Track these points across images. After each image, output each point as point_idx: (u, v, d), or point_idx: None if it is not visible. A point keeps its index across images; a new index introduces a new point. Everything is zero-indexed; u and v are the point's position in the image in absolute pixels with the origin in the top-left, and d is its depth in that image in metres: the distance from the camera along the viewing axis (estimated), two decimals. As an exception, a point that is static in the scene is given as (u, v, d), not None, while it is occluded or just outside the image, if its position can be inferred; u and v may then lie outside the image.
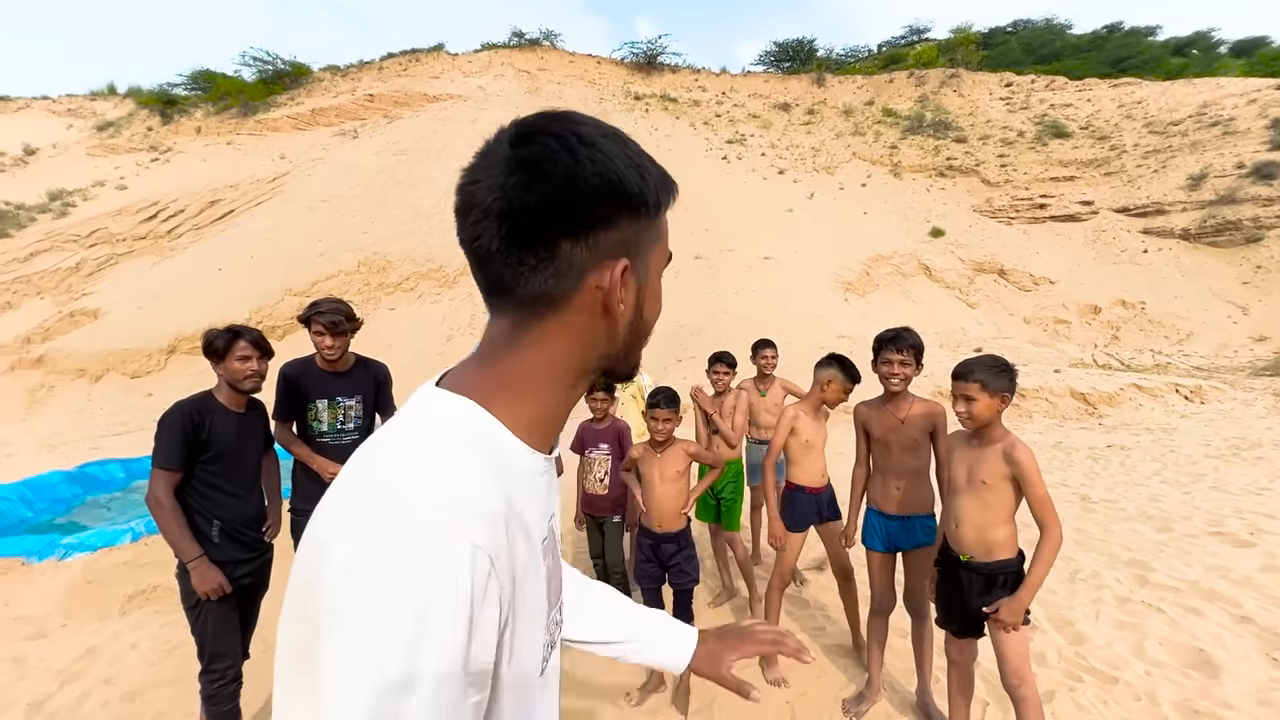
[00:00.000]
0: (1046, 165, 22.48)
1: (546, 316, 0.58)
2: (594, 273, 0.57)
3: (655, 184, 0.60)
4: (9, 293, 15.28)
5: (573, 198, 0.54)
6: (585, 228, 0.55)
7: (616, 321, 0.60)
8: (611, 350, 0.62)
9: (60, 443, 8.70)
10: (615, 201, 0.56)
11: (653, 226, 0.63)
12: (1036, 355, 12.73)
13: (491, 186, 0.54)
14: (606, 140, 0.56)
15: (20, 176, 21.31)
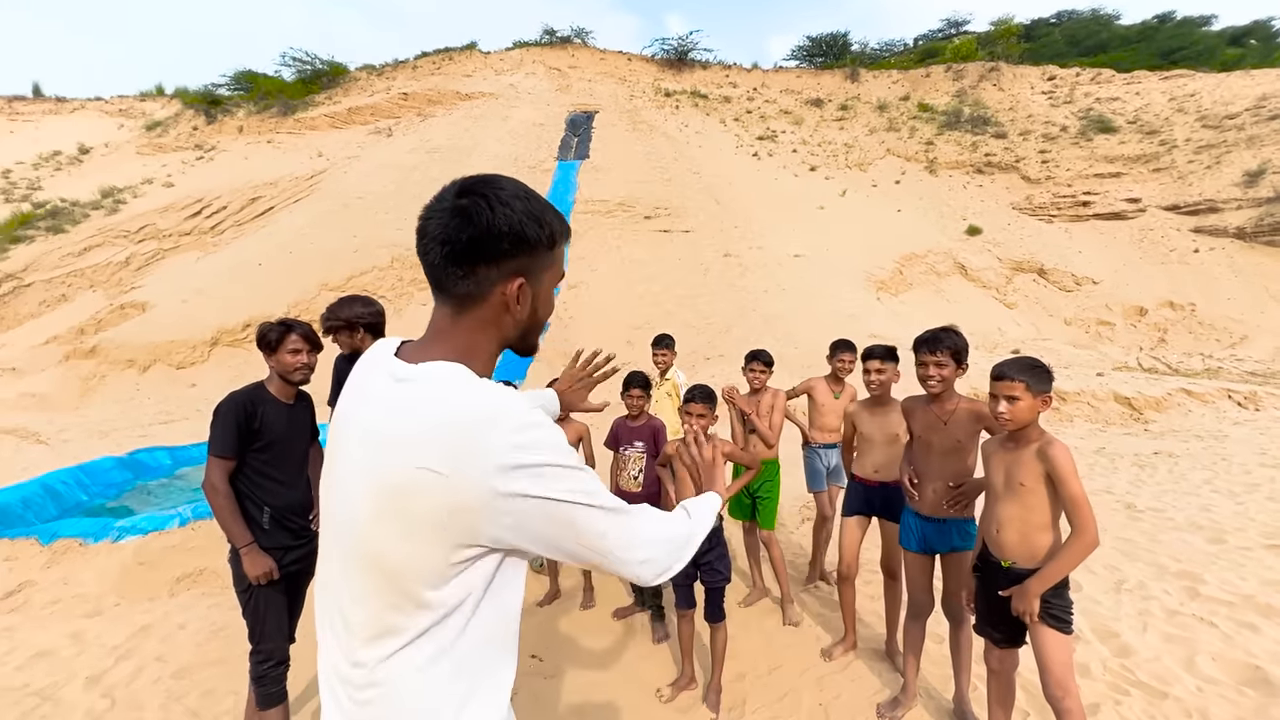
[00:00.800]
0: (1091, 161, 21.73)
1: (471, 310, 0.88)
2: (500, 284, 0.87)
3: (548, 232, 0.90)
4: (64, 286, 15.98)
5: (487, 238, 0.84)
6: (495, 257, 0.86)
7: (515, 317, 0.91)
8: (513, 334, 0.93)
9: (111, 430, 9.07)
10: (515, 242, 0.86)
11: (547, 256, 0.91)
12: (1077, 358, 12.33)
13: (439, 223, 0.85)
14: (517, 200, 0.86)
15: (75, 175, 22.24)
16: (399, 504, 0.76)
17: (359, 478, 0.81)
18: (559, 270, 0.95)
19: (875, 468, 3.02)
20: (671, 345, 4.25)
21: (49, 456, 7.51)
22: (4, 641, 3.31)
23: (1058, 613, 2.07)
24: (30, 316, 15.17)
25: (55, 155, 23.77)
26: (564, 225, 0.94)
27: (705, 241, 16.42)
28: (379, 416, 0.81)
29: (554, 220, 0.91)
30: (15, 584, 3.90)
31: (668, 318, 12.86)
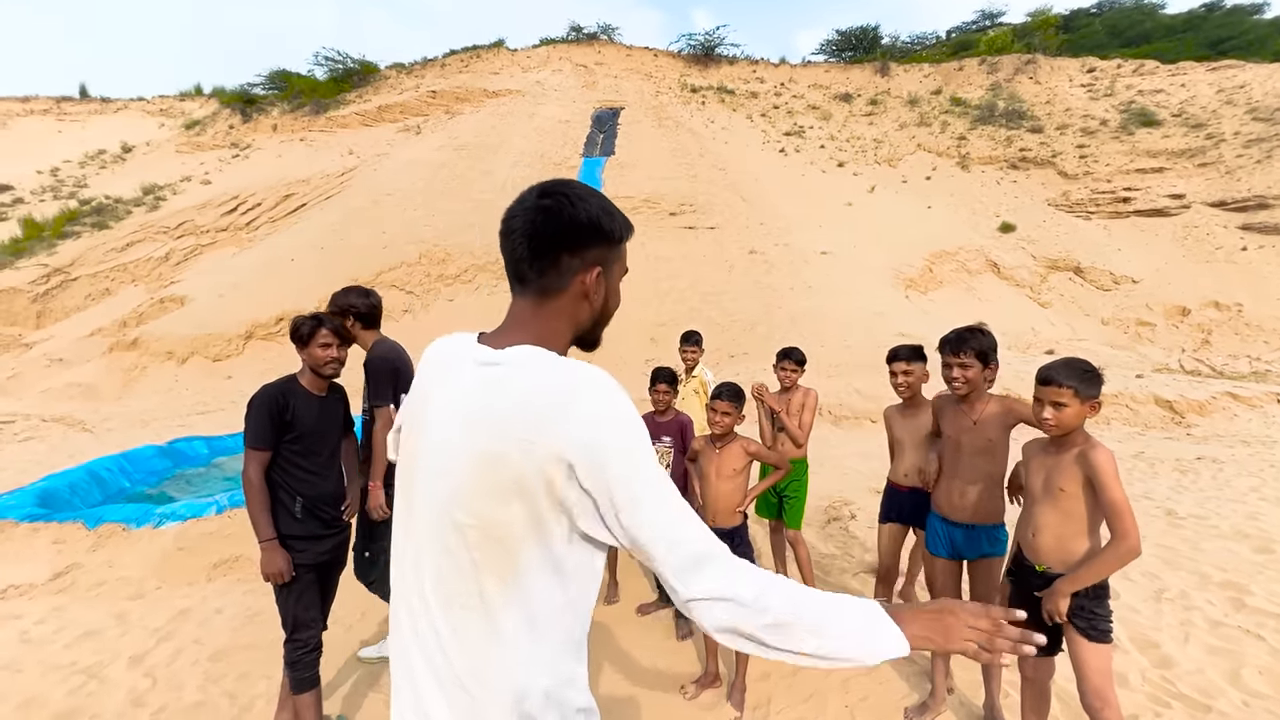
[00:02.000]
0: (1132, 156, 21.02)
1: (552, 299, 0.96)
2: (580, 273, 0.96)
3: (619, 226, 0.99)
4: (108, 280, 16.56)
5: (570, 229, 0.93)
6: (576, 247, 0.94)
7: (592, 306, 0.99)
8: (586, 324, 1.01)
9: (152, 419, 9.38)
10: (593, 233, 0.95)
11: (616, 250, 1.00)
12: (1115, 359, 11.96)
13: (524, 220, 0.94)
14: (593, 197, 0.97)
15: (119, 173, 23.02)
16: (497, 475, 0.81)
17: (458, 455, 0.85)
18: (625, 264, 1.03)
19: (906, 472, 2.97)
20: (699, 342, 4.23)
21: (94, 444, 7.80)
22: (54, 621, 3.45)
23: (1098, 622, 2.01)
24: (76, 309, 15.76)
25: (100, 154, 24.62)
26: (629, 222, 1.02)
27: (731, 238, 16.32)
28: (471, 396, 0.87)
29: (622, 216, 1.00)
30: (64, 565, 4.07)
31: (692, 314, 12.82)
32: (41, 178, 22.64)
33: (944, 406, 2.65)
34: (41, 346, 13.48)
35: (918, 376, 2.95)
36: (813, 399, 3.54)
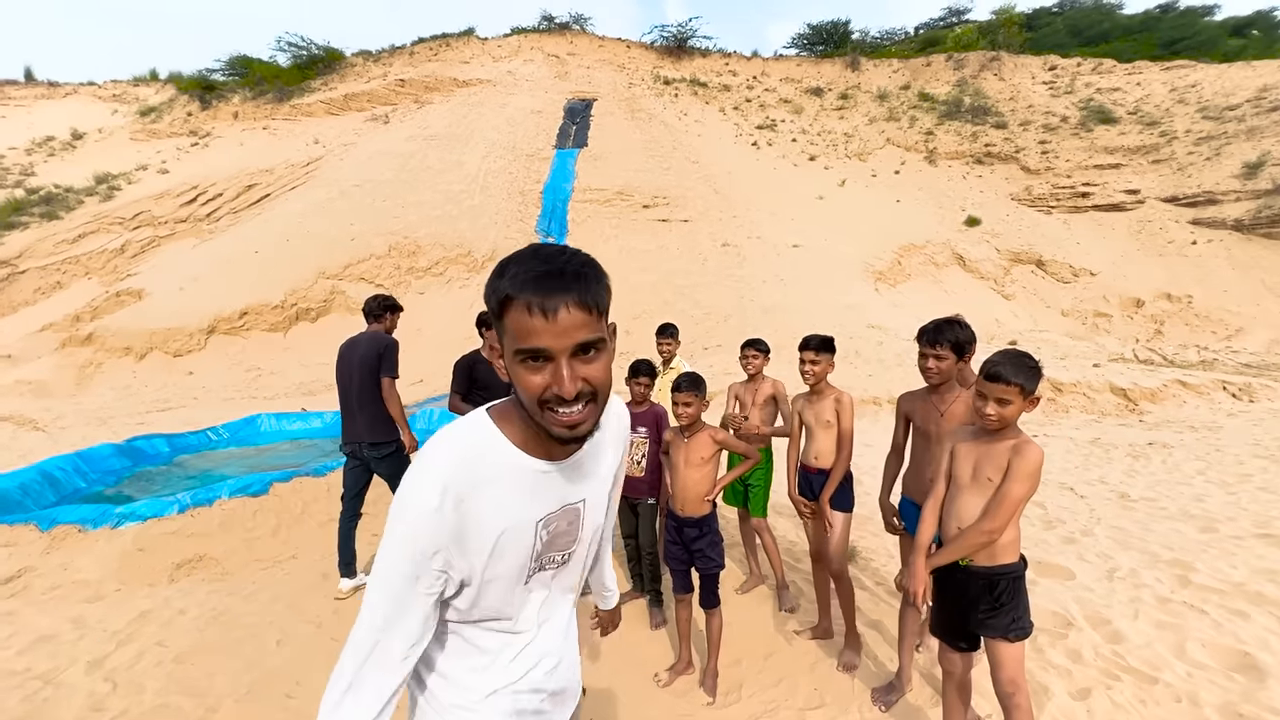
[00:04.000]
0: (1091, 152, 21.70)
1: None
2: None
3: (489, 298, 0.96)
4: (59, 273, 15.90)
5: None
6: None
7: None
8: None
9: (109, 417, 9.05)
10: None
11: (499, 325, 0.95)
12: (1074, 349, 12.37)
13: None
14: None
15: (69, 160, 22.06)
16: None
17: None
18: (513, 339, 0.92)
19: (817, 454, 3.06)
20: (675, 334, 4.25)
21: (46, 443, 7.50)
22: (5, 626, 3.32)
23: (1020, 621, 2.05)
24: (25, 304, 15.11)
25: (48, 141, 23.57)
26: (500, 289, 0.92)
27: (704, 231, 16.38)
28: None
29: (490, 286, 0.93)
30: (15, 569, 3.91)
31: (666, 307, 12.85)
32: (-16, 165, 21.58)
33: (913, 402, 2.73)
34: (-12, 342, 12.89)
35: (824, 367, 3.04)
36: (780, 387, 3.59)
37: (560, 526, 1.06)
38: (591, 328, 0.89)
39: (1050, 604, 3.32)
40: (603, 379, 0.93)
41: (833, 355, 3.09)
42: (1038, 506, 4.90)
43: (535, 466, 1.00)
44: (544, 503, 1.02)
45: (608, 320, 0.95)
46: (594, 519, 1.12)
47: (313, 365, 11.96)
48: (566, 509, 1.06)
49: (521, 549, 1.01)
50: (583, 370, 0.90)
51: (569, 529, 1.08)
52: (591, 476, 1.10)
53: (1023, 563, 2.10)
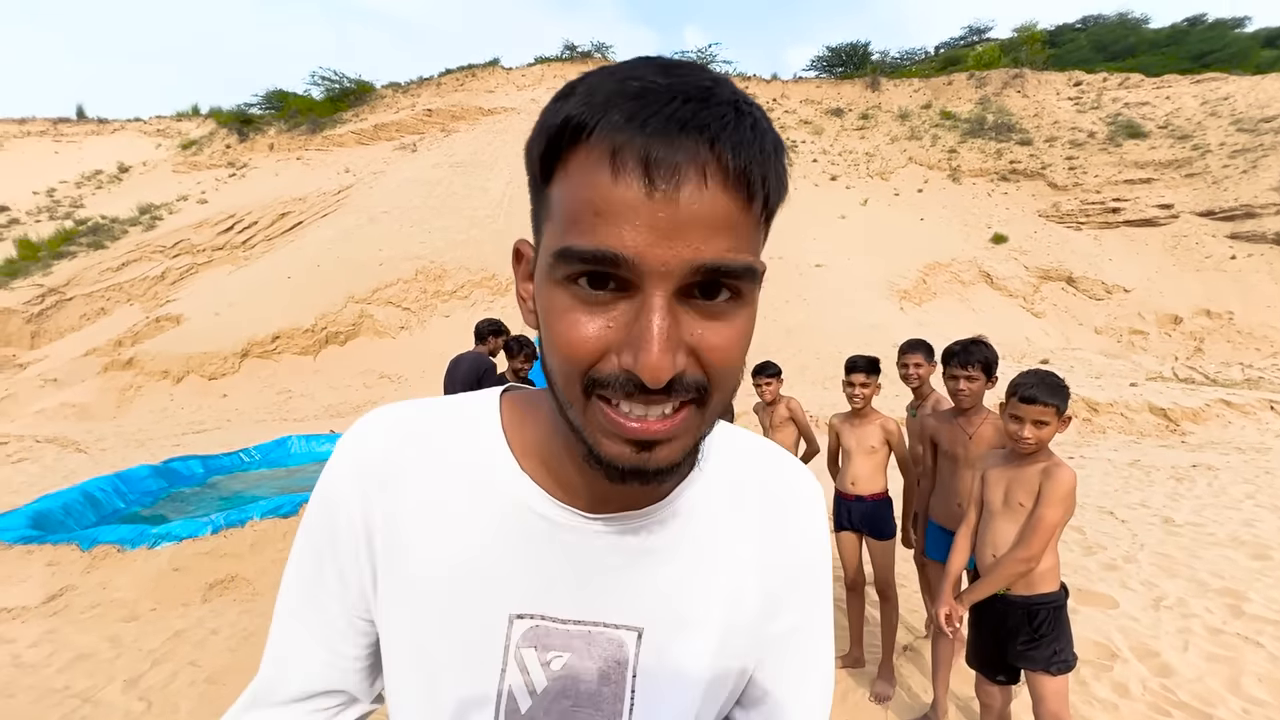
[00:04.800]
0: (1120, 167, 21.32)
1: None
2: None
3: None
4: (104, 299, 16.55)
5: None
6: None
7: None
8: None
9: (147, 439, 9.33)
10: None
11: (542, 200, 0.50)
12: (1110, 368, 12.03)
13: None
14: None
15: (115, 192, 23.10)
16: None
17: None
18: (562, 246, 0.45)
19: (853, 480, 3.01)
20: None
21: (88, 464, 7.74)
22: (47, 645, 3.41)
23: (1062, 654, 1.99)
24: (72, 329, 15.73)
25: (96, 174, 24.73)
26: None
27: (725, 252, 16.43)
28: None
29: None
30: (58, 588, 4.02)
31: (688, 328, 12.86)
32: (38, 198, 22.71)
33: (938, 423, 2.69)
34: (36, 367, 13.43)
35: (873, 389, 2.99)
36: (796, 406, 3.55)
37: (573, 669, 0.53)
38: (739, 234, 0.42)
39: (1093, 634, 3.19)
40: (729, 359, 0.44)
41: (879, 376, 3.04)
42: (1076, 531, 4.74)
43: (537, 505, 0.53)
44: (539, 584, 0.52)
45: (766, 238, 0.48)
46: (664, 693, 0.54)
47: (341, 388, 12.21)
48: (591, 631, 0.53)
49: (468, 653, 0.52)
50: (698, 331, 0.42)
51: (595, 687, 0.53)
52: (680, 585, 0.54)
53: (1064, 591, 2.03)
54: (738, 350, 0.45)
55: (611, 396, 0.43)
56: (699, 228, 0.39)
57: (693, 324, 0.42)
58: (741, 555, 0.57)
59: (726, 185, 0.40)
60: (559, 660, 0.53)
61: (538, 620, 0.52)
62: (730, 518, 0.57)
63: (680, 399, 0.43)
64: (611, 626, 0.53)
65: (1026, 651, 1.99)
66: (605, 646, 0.53)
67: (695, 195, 0.39)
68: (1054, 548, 2.00)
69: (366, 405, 11.25)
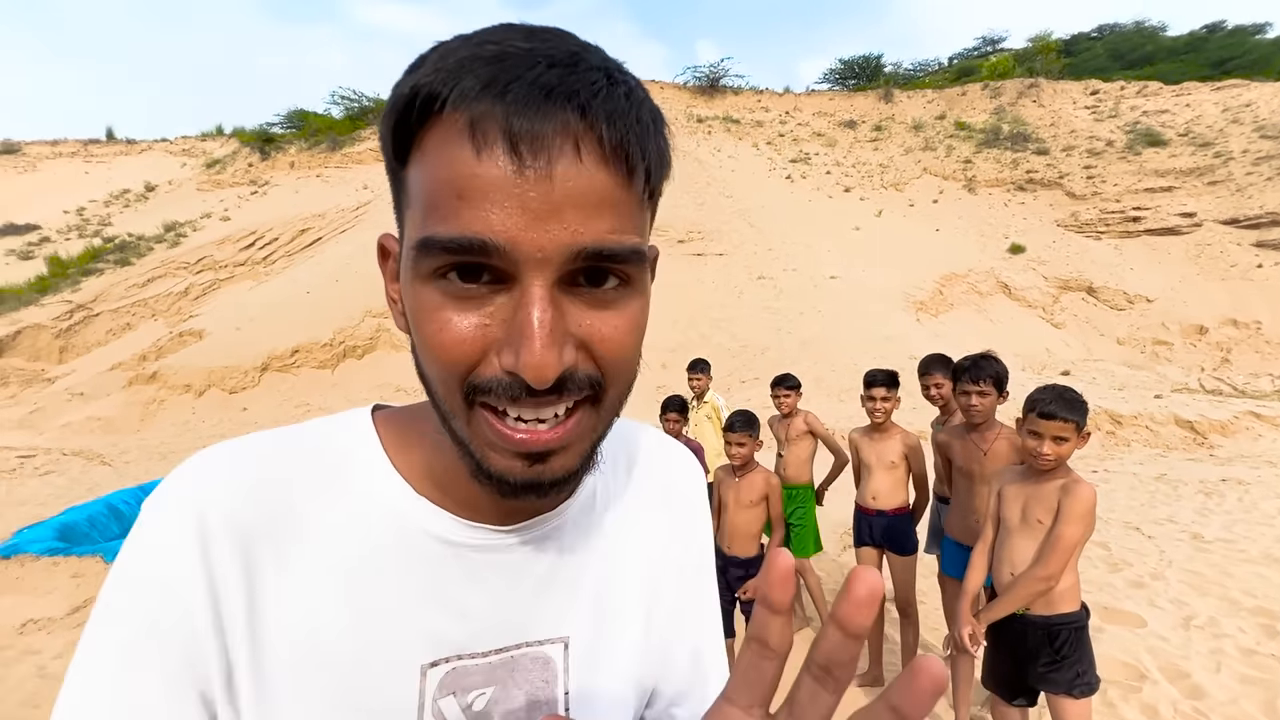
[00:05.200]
0: (1140, 176, 21.04)
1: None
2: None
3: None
4: (129, 315, 16.93)
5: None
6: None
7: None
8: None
9: (169, 452, 9.49)
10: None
11: (399, 182, 0.45)
12: (1133, 379, 11.80)
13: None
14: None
15: (142, 211, 23.71)
16: None
17: None
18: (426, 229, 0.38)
19: (874, 494, 2.97)
20: (706, 369, 4.26)
21: (113, 477, 7.89)
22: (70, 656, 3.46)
23: (1085, 676, 1.94)
24: (98, 344, 16.09)
25: (124, 193, 25.41)
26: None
27: (739, 264, 16.43)
28: None
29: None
30: (82, 600, 4.09)
31: (702, 341, 12.85)
32: (68, 217, 23.38)
33: (951, 439, 2.66)
34: (63, 381, 13.75)
35: (893, 403, 2.97)
36: (814, 420, 3.54)
37: (499, 703, 0.48)
38: (621, 213, 0.38)
39: (1120, 654, 3.11)
40: (622, 351, 0.41)
41: (899, 390, 3.02)
42: (1101, 548, 4.63)
43: (440, 530, 0.46)
44: (453, 619, 0.46)
45: (653, 218, 0.44)
46: (599, 702, 0.51)
47: (358, 400, 12.29)
48: (514, 655, 0.48)
49: (375, 709, 0.44)
50: (586, 322, 0.39)
51: (524, 715, 0.48)
52: (604, 581, 0.53)
53: (1085, 612, 1.99)
54: (631, 340, 0.41)
55: (496, 404, 0.38)
56: (576, 208, 0.36)
57: (579, 314, 0.38)
58: (652, 538, 0.56)
59: (604, 159, 0.36)
60: (481, 699, 0.46)
61: (454, 662, 0.46)
62: (634, 502, 0.56)
63: (573, 398, 0.39)
64: (535, 644, 0.49)
65: (1048, 674, 1.94)
66: (530, 669, 0.48)
67: (570, 171, 0.35)
68: (1074, 566, 1.96)
69: (383, 418, 11.34)
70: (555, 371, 0.36)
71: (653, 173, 0.39)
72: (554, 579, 0.50)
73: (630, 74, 0.40)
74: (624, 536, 0.54)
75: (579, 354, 0.38)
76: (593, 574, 0.52)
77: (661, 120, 0.41)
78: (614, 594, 0.53)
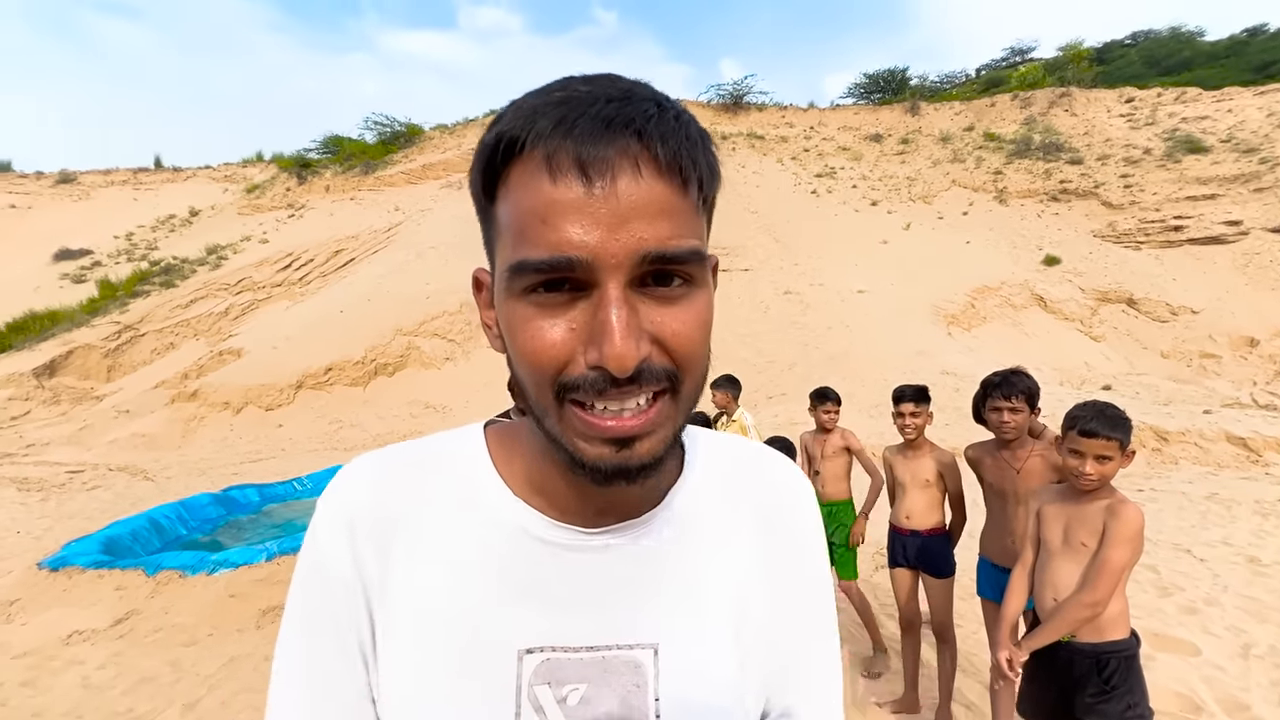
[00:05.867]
0: (1180, 183, 20.41)
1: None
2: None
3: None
4: (173, 335, 17.57)
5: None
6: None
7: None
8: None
9: (208, 467, 9.76)
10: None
11: (488, 215, 0.51)
12: (1180, 393, 11.35)
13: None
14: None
15: (186, 235, 24.69)
16: None
17: None
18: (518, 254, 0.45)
19: (908, 514, 2.90)
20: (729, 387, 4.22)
21: (155, 492, 8.14)
22: (113, 667, 3.56)
23: (1137, 708, 1.84)
24: (144, 363, 16.71)
25: (170, 218, 26.51)
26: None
27: (764, 280, 16.35)
28: None
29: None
30: (124, 612, 4.21)
31: (728, 356, 12.79)
32: (118, 242, 24.46)
33: (982, 456, 2.60)
34: (111, 399, 14.30)
35: (924, 419, 2.89)
36: (852, 437, 3.48)
37: (592, 701, 0.50)
38: (680, 219, 0.43)
39: (1173, 683, 2.96)
40: (692, 344, 0.45)
41: (929, 405, 2.96)
42: (1150, 571, 4.43)
43: (535, 529, 0.52)
44: (548, 612, 0.51)
45: (709, 225, 0.50)
46: (703, 703, 0.52)
47: (389, 418, 12.55)
48: (605, 656, 0.51)
49: (479, 703, 0.49)
50: (657, 318, 0.44)
51: (617, 710, 0.50)
52: (691, 591, 0.54)
53: (1135, 639, 1.89)
54: (700, 333, 0.46)
55: (584, 399, 0.44)
56: (640, 216, 0.41)
57: (650, 312, 0.44)
58: (744, 554, 0.57)
59: (660, 173, 0.42)
60: (575, 693, 0.50)
61: (549, 653, 0.50)
62: (729, 517, 0.57)
63: (652, 389, 0.44)
64: (626, 647, 0.52)
65: (1096, 705, 1.85)
66: (621, 671, 0.51)
67: (632, 187, 0.41)
68: (1122, 591, 1.88)
69: (413, 434, 11.51)
70: (634, 360, 0.41)
71: (704, 182, 0.46)
72: (641, 584, 0.53)
73: (677, 102, 0.46)
74: (717, 550, 0.56)
75: (654, 349, 0.43)
76: (682, 584, 0.54)
77: (708, 138, 0.48)
78: (706, 606, 0.54)
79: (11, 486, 8.54)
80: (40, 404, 14.22)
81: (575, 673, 0.50)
